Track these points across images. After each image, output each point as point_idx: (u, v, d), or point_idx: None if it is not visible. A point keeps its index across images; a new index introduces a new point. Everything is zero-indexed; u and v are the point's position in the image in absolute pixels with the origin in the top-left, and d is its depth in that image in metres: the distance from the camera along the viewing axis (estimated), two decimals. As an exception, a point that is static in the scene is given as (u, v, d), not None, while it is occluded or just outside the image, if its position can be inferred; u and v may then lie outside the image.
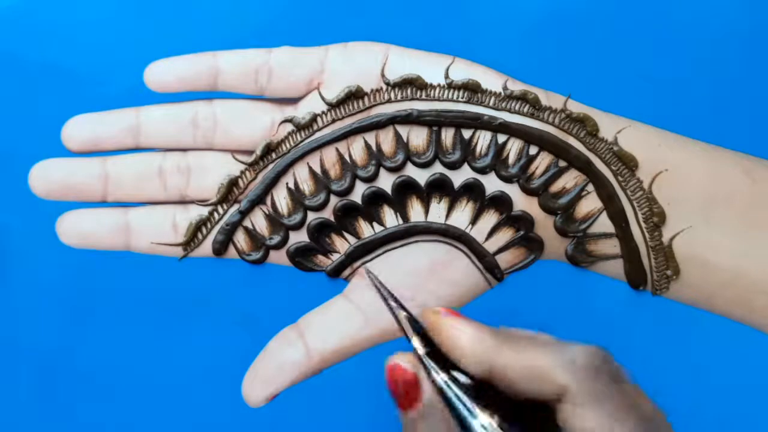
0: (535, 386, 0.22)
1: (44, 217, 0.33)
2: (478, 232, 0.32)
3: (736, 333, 0.31)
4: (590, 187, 0.31)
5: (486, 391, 0.23)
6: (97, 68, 0.33)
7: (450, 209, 0.32)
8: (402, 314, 0.26)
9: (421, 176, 0.32)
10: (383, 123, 0.32)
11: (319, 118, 0.32)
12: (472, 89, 0.31)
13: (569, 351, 0.23)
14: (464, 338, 0.24)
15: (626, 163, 0.31)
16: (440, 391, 0.23)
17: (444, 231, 0.32)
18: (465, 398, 0.23)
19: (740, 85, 0.32)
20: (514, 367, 0.23)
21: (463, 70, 0.32)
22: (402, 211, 0.32)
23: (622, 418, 0.22)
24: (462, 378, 0.23)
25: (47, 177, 0.32)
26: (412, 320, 0.26)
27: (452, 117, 0.31)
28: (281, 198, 0.32)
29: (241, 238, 0.32)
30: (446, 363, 0.24)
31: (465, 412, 0.22)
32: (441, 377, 0.23)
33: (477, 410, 0.22)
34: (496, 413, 0.22)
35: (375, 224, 0.32)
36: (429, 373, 0.24)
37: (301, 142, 0.32)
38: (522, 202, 0.32)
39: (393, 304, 0.27)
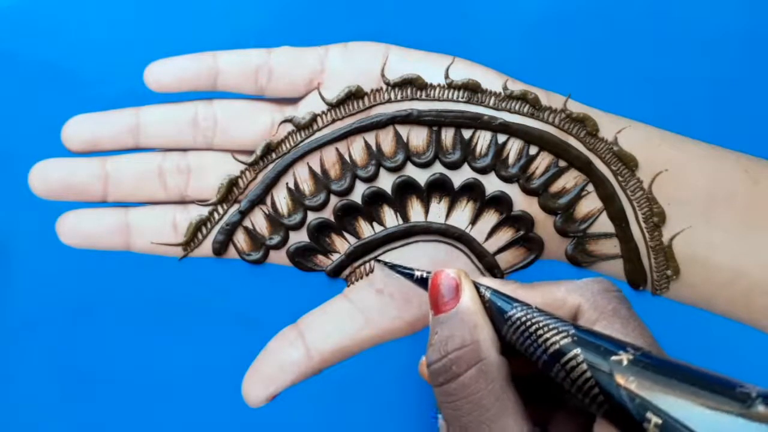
0: (552, 312, 0.24)
1: (44, 217, 0.33)
2: (478, 232, 0.32)
3: (736, 333, 0.31)
4: (590, 187, 0.31)
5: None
6: (97, 68, 0.33)
7: (450, 209, 0.32)
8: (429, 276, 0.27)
9: (421, 176, 0.32)
10: (383, 123, 0.32)
11: (319, 118, 0.32)
12: (472, 89, 0.31)
13: (580, 280, 0.25)
14: (488, 284, 0.25)
15: (626, 163, 0.31)
16: (481, 297, 0.25)
17: (444, 231, 0.32)
18: (503, 296, 0.24)
19: (740, 85, 0.32)
20: (533, 299, 0.24)
21: (463, 70, 0.32)
22: (402, 211, 0.32)
23: (631, 336, 0.22)
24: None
25: (47, 177, 0.32)
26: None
27: (452, 117, 0.31)
28: (281, 198, 0.32)
29: (241, 238, 0.32)
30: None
31: (504, 304, 0.24)
32: (483, 286, 0.25)
33: (515, 302, 0.24)
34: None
35: (375, 224, 0.32)
36: (477, 286, 0.25)
37: (301, 142, 0.32)
38: (522, 202, 0.32)
39: (419, 273, 0.28)
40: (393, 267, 0.30)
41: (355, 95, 0.32)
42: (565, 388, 0.22)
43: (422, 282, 0.28)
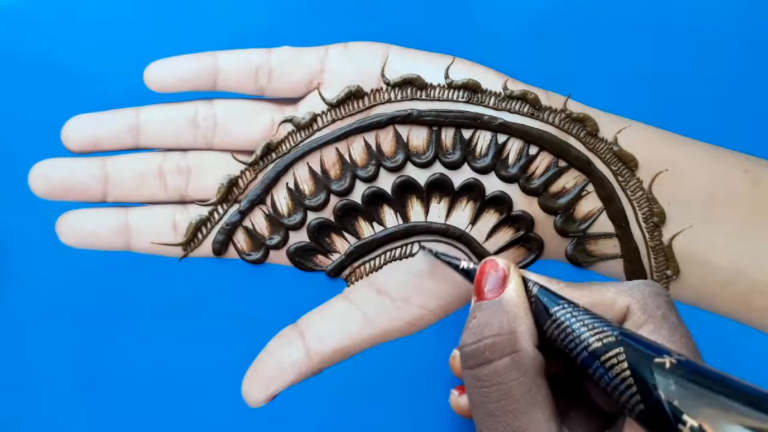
0: (600, 313, 0.24)
1: (44, 217, 0.33)
2: (478, 232, 0.32)
3: (736, 333, 0.31)
4: (590, 187, 0.31)
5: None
6: (97, 68, 0.33)
7: (450, 209, 0.32)
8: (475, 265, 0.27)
9: (421, 176, 0.32)
10: (383, 123, 0.32)
11: (319, 118, 0.32)
12: (472, 89, 0.31)
13: (631, 282, 0.25)
14: (536, 279, 0.25)
15: (626, 163, 0.31)
16: (528, 292, 0.25)
17: (444, 231, 0.32)
18: (551, 293, 0.25)
19: (741, 85, 0.32)
20: (582, 299, 0.24)
21: (463, 70, 0.32)
22: (402, 211, 0.32)
23: (678, 344, 0.22)
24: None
25: (47, 177, 0.32)
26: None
27: (452, 117, 0.31)
28: (281, 198, 0.32)
29: (241, 238, 0.32)
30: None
31: (550, 300, 0.24)
32: (531, 282, 0.25)
33: (561, 300, 0.24)
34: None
35: (375, 224, 0.32)
36: (524, 280, 0.25)
37: (301, 142, 0.32)
38: (522, 202, 0.32)
39: (465, 264, 0.28)
40: (437, 255, 0.30)
41: (355, 95, 0.32)
42: (601, 386, 0.22)
43: (466, 273, 0.28)
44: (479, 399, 0.23)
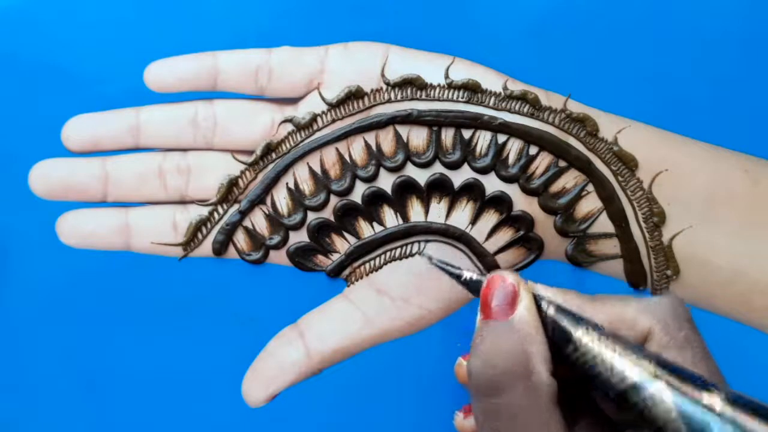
0: (621, 333, 0.22)
1: (44, 217, 0.33)
2: (478, 232, 0.32)
3: (736, 333, 0.31)
4: (590, 187, 0.31)
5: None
6: (97, 68, 0.33)
7: (450, 209, 0.32)
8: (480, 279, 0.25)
9: (421, 176, 0.32)
10: (383, 123, 0.32)
11: (319, 118, 0.32)
12: (472, 89, 0.31)
13: (651, 299, 0.23)
14: (548, 295, 0.23)
15: (626, 163, 0.31)
16: (542, 311, 0.23)
17: (444, 231, 0.32)
18: (569, 314, 0.22)
19: (741, 85, 0.32)
20: (600, 316, 0.22)
21: (463, 70, 0.32)
22: (402, 211, 0.32)
23: (700, 366, 0.21)
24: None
25: (47, 177, 0.32)
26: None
27: (452, 117, 0.31)
28: (281, 198, 0.32)
29: (241, 238, 0.32)
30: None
31: (570, 325, 0.22)
32: (545, 300, 0.23)
33: (580, 321, 0.22)
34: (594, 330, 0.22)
35: (375, 224, 0.32)
36: (536, 297, 0.23)
37: (301, 142, 0.32)
38: (522, 202, 0.32)
39: (468, 275, 0.25)
40: (439, 264, 0.28)
41: (355, 95, 0.32)
42: (637, 423, 0.20)
43: (469, 284, 0.25)
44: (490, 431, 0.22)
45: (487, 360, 0.22)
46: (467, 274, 0.25)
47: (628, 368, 0.20)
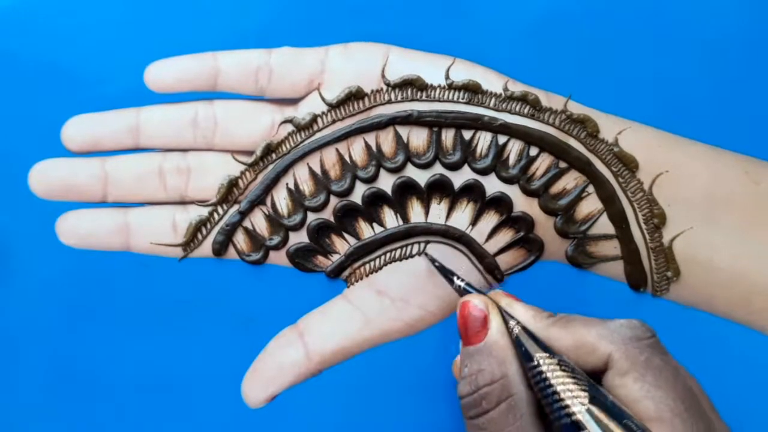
0: (582, 358, 0.23)
1: (44, 217, 0.33)
2: (479, 233, 0.32)
3: (736, 334, 0.31)
4: (590, 189, 0.31)
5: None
6: (97, 68, 0.33)
7: (450, 210, 0.32)
8: (466, 288, 0.27)
9: (422, 177, 0.32)
10: (383, 124, 0.32)
11: (319, 119, 0.32)
12: (472, 90, 0.31)
13: (613, 324, 0.23)
14: (520, 315, 0.25)
15: (627, 164, 0.31)
16: (509, 331, 0.24)
17: (444, 232, 0.32)
18: (531, 336, 0.24)
19: (741, 86, 0.32)
20: (564, 341, 0.23)
21: (464, 71, 0.32)
22: (402, 212, 0.32)
23: (663, 387, 0.22)
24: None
25: (47, 177, 0.32)
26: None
27: (452, 118, 0.31)
28: (281, 198, 0.32)
29: (241, 239, 0.32)
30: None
31: (529, 349, 0.23)
32: (513, 320, 0.25)
33: (539, 348, 0.23)
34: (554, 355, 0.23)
35: (375, 225, 0.32)
36: (504, 317, 0.25)
37: (301, 142, 0.32)
38: (522, 203, 0.32)
39: (460, 283, 0.28)
40: (439, 266, 0.30)
41: (355, 96, 0.32)
42: None
43: (459, 291, 0.28)
44: None
45: (471, 383, 0.24)
46: (458, 282, 0.28)
47: (566, 403, 0.22)
